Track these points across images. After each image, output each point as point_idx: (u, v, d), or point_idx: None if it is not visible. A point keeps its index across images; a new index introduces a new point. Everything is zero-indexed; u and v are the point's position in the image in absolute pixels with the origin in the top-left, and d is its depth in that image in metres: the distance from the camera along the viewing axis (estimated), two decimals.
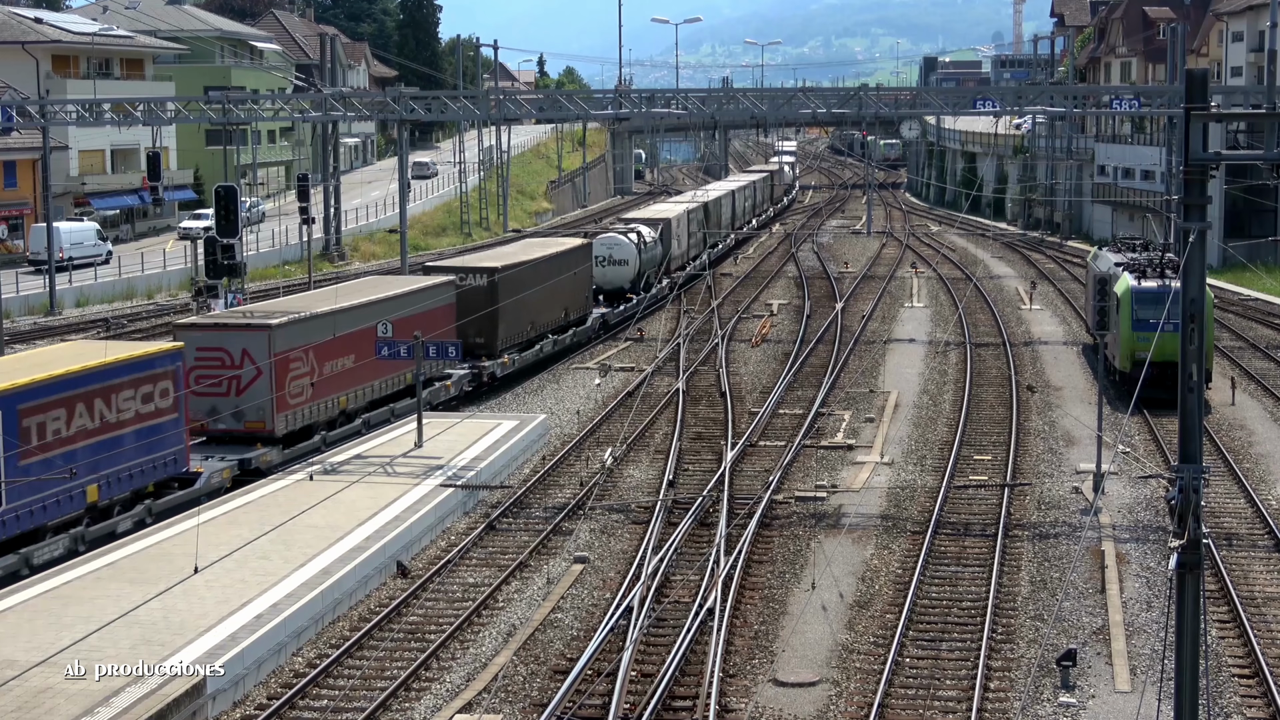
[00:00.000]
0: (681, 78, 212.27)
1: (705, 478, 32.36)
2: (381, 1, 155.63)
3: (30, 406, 25.13)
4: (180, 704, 19.12)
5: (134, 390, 27.85)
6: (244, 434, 31.97)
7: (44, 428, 25.49)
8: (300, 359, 32.97)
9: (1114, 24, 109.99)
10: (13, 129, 66.97)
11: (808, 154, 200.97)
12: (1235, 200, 70.30)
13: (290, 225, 72.45)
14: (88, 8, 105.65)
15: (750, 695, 20.86)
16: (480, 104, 59.32)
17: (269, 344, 31.90)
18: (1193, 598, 13.94)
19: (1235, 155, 17.81)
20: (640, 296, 55.24)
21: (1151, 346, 36.16)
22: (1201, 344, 13.86)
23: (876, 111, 58.59)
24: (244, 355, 31.71)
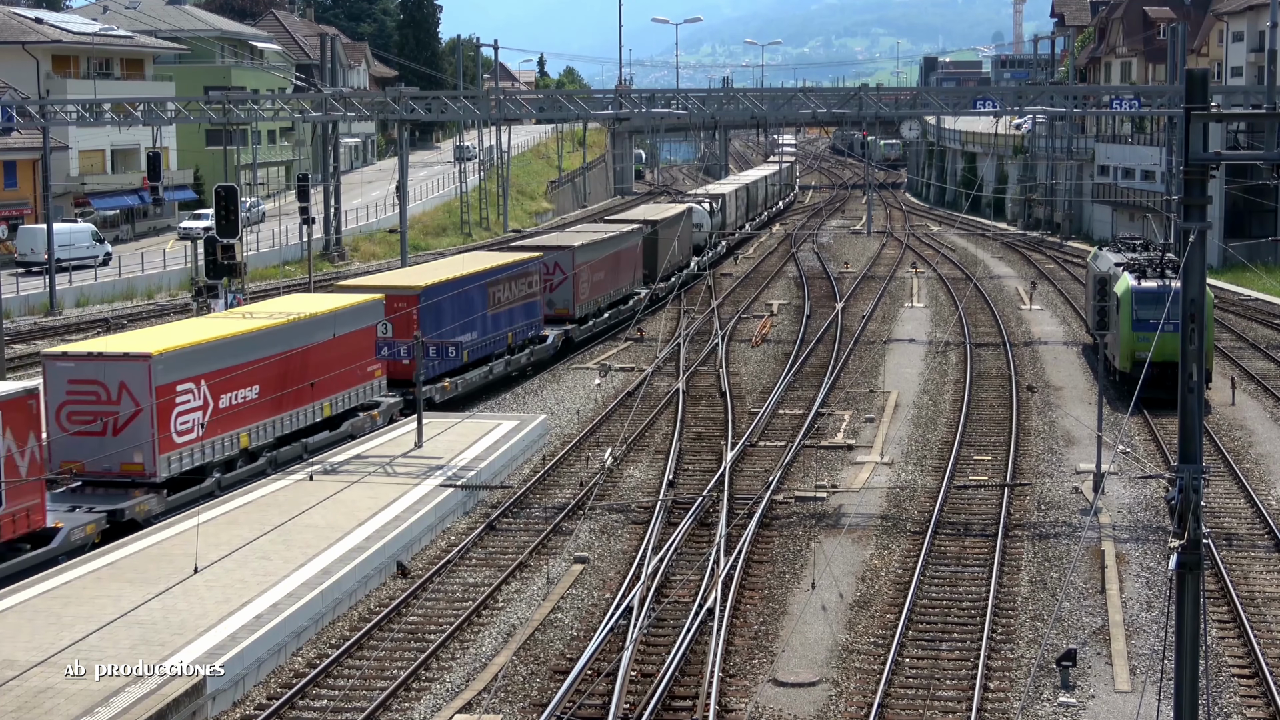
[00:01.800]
0: (681, 78, 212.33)
1: (705, 478, 32.36)
2: (381, 1, 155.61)
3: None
4: (180, 704, 19.13)
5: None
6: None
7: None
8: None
9: (1114, 24, 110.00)
10: (13, 129, 66.97)
11: (808, 154, 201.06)
12: (1235, 200, 70.31)
13: (290, 225, 72.45)
14: (88, 8, 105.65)
15: (750, 695, 20.86)
16: (480, 104, 59.34)
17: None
18: (1193, 598, 13.93)
19: (1235, 155, 17.81)
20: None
21: (1151, 346, 36.18)
22: (1201, 344, 13.86)
23: (876, 111, 58.59)
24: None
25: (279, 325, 31.76)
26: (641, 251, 58.07)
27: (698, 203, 74.79)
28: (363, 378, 35.36)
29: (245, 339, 30.75)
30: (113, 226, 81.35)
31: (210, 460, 29.62)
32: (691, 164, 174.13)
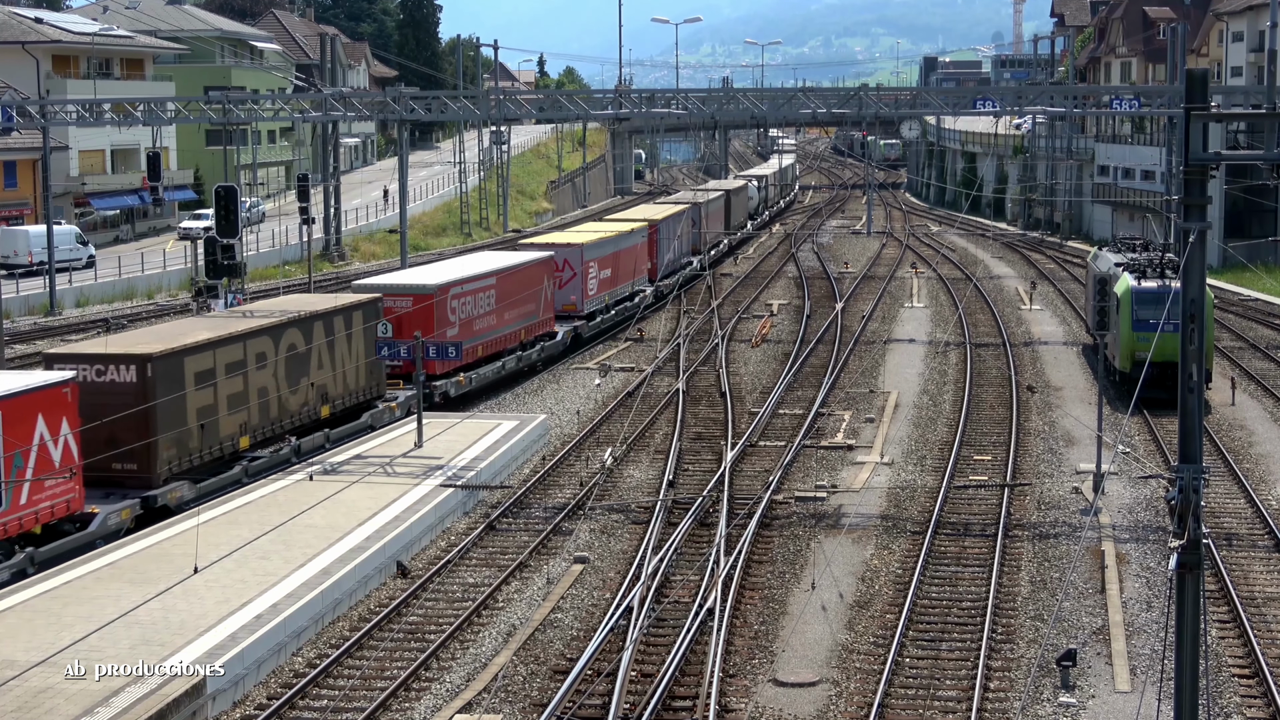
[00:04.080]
0: (681, 78, 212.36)
1: (705, 478, 32.36)
2: (381, 1, 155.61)
3: None
4: (180, 704, 19.13)
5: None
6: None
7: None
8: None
9: (1114, 24, 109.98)
10: (13, 129, 66.95)
11: (807, 154, 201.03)
12: (1235, 200, 70.32)
13: (290, 225, 72.44)
14: (88, 8, 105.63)
15: (750, 695, 20.86)
16: (480, 104, 59.32)
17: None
18: (1193, 598, 13.93)
19: (1235, 155, 17.80)
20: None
21: (1151, 346, 36.18)
22: (1201, 344, 13.85)
23: (876, 111, 58.57)
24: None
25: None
26: (725, 207, 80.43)
27: (749, 181, 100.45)
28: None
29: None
30: (113, 226, 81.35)
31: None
32: (691, 164, 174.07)
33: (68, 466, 25.89)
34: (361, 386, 35.88)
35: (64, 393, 25.96)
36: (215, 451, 30.20)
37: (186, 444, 29.13)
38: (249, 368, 31.06)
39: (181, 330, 31.98)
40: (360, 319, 35.70)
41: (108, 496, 27.46)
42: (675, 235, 63.63)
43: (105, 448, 26.91)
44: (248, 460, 30.94)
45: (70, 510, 26.19)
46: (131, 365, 28.15)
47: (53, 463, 25.46)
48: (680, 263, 65.84)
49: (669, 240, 62.09)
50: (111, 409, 26.99)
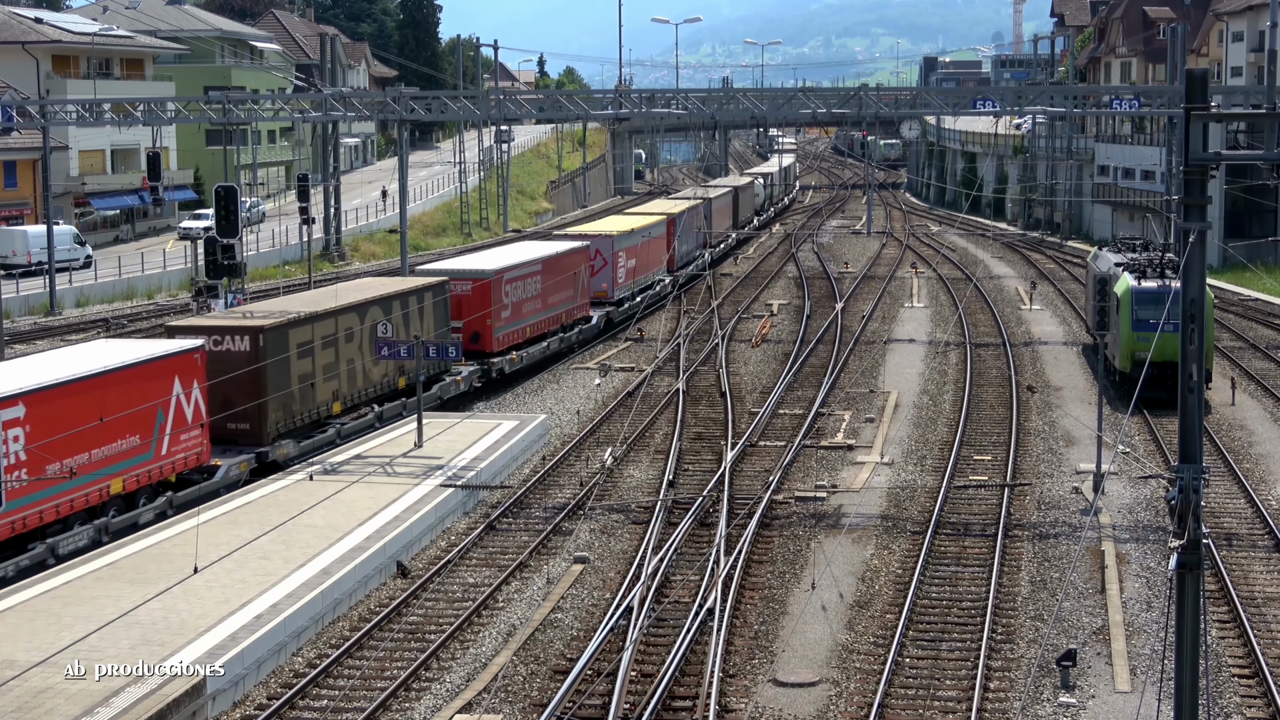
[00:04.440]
0: (681, 78, 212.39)
1: (705, 478, 32.36)
2: (381, 1, 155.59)
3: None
4: (180, 704, 19.13)
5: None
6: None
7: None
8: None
9: (1114, 24, 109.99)
10: (13, 129, 66.91)
11: (807, 154, 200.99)
12: (1235, 200, 70.31)
13: (290, 225, 72.45)
14: (88, 8, 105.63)
15: (750, 695, 20.86)
16: (480, 104, 59.33)
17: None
18: (1193, 598, 13.94)
19: (1235, 155, 17.80)
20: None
21: (1151, 346, 36.18)
22: (1201, 344, 13.85)
23: (876, 111, 58.55)
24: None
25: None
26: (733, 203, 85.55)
27: (755, 179, 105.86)
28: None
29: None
30: (113, 226, 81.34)
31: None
32: (691, 164, 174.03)
33: (198, 422, 29.51)
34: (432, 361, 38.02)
35: (195, 358, 29.55)
36: (313, 415, 33.71)
37: (290, 407, 32.63)
38: (340, 341, 34.64)
39: (283, 306, 35.77)
40: (430, 299, 39.25)
41: (225, 453, 30.86)
42: (690, 229, 68.35)
43: (221, 410, 30.36)
44: (340, 424, 34.37)
45: (199, 462, 29.73)
46: (246, 336, 31.67)
47: (186, 419, 29.10)
48: (693, 255, 69.90)
49: (684, 233, 66.40)
50: (228, 375, 30.54)
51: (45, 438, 25.18)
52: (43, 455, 25.12)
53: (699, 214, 71.66)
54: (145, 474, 28.06)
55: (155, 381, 28.18)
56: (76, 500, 26.30)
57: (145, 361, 28.35)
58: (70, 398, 26.05)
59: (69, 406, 25.92)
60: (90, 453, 26.44)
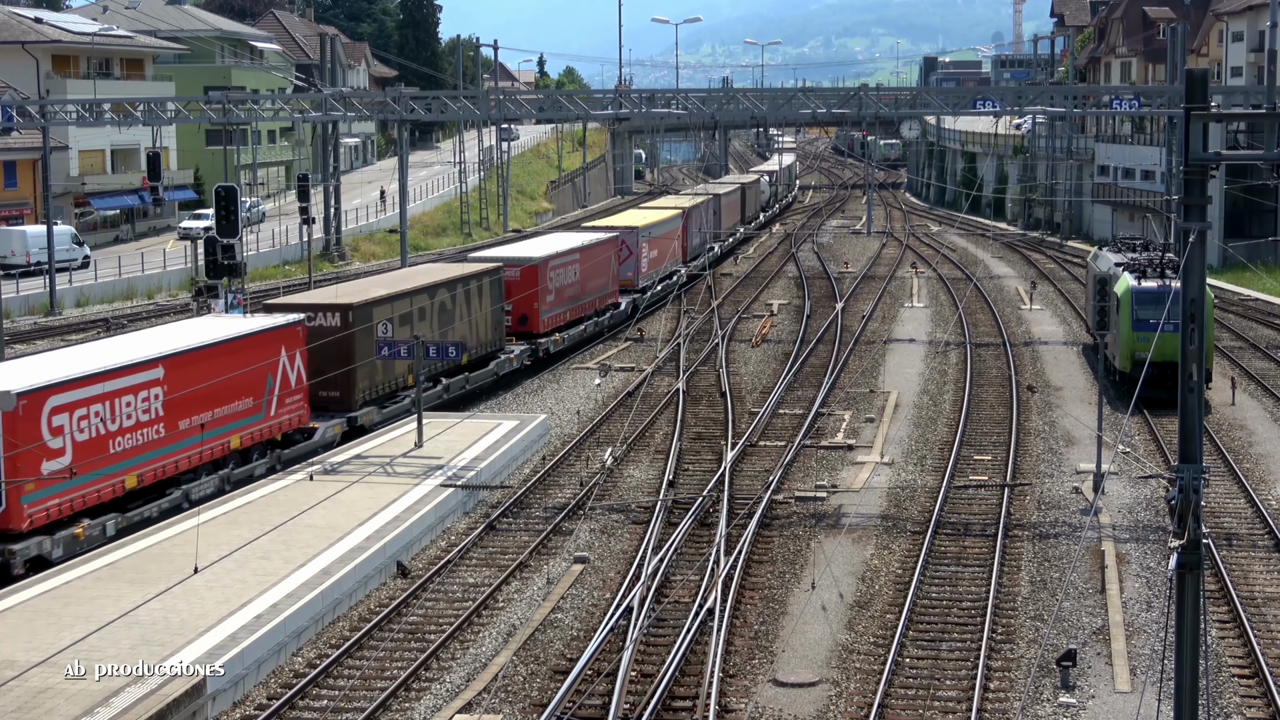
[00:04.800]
0: (681, 78, 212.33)
1: (705, 478, 32.36)
2: (381, 1, 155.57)
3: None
4: (180, 704, 19.12)
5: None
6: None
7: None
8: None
9: (1114, 24, 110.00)
10: (13, 129, 66.93)
11: (807, 154, 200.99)
12: (1235, 200, 70.30)
13: (290, 225, 72.44)
14: (88, 8, 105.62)
15: (750, 695, 20.86)
16: (480, 104, 59.33)
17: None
18: (1193, 598, 13.94)
19: (1235, 155, 17.80)
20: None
21: (1151, 346, 36.17)
22: (1201, 344, 13.85)
23: (876, 111, 58.58)
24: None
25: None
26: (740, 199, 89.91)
27: (760, 176, 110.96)
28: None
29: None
30: (113, 226, 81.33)
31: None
32: (691, 164, 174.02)
33: (300, 388, 32.89)
34: (489, 340, 42.69)
35: (298, 330, 33.05)
36: (390, 386, 37.05)
37: (373, 377, 36.09)
38: (414, 319, 37.86)
39: (364, 288, 39.91)
40: (487, 282, 42.56)
41: (318, 417, 34.02)
42: (702, 223, 72.58)
43: (314, 378, 33.57)
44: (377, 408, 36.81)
45: (300, 424, 33.16)
46: (336, 313, 34.98)
47: (290, 385, 32.54)
48: (704, 248, 73.27)
49: (697, 227, 70.51)
50: (321, 347, 33.59)
51: (180, 398, 28.66)
52: (178, 412, 28.67)
53: (709, 209, 75.50)
54: (258, 432, 31.59)
55: (266, 350, 31.60)
56: (204, 453, 29.68)
57: (258, 332, 31.87)
58: (198, 363, 29.44)
59: (198, 370, 29.21)
60: (214, 411, 29.77)
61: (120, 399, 27.14)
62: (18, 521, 24.75)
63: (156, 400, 27.98)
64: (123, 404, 27.21)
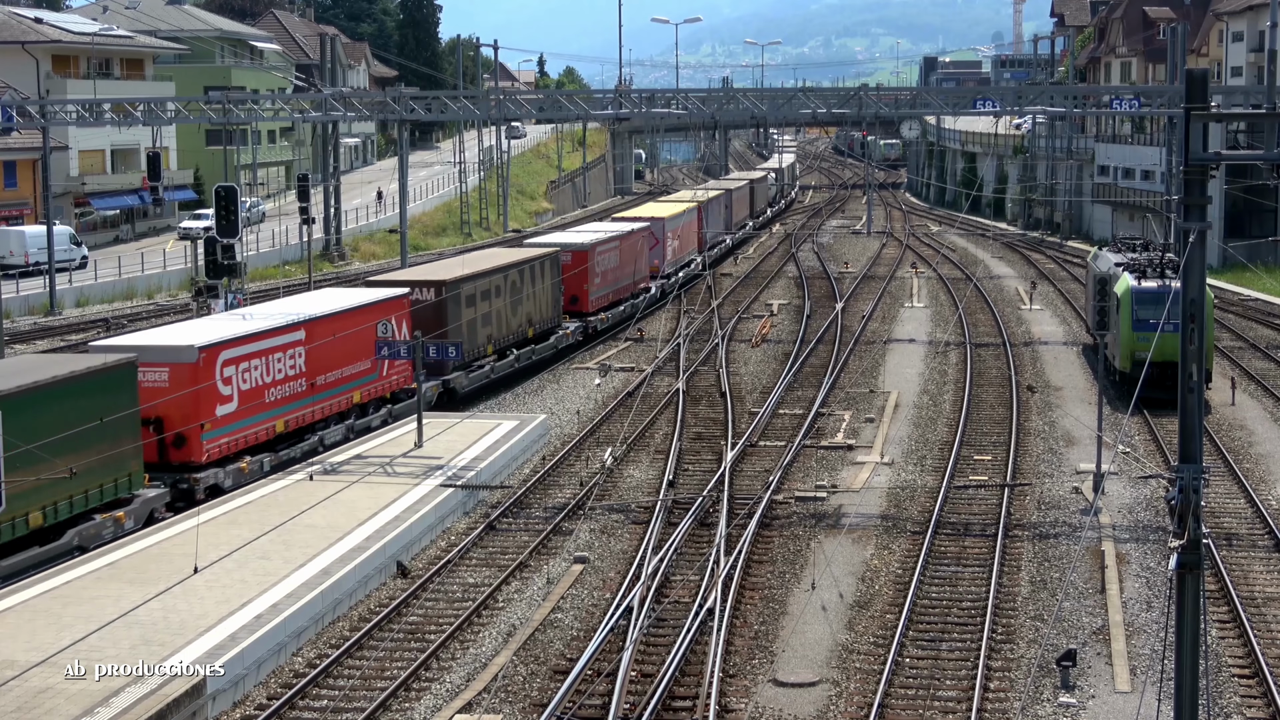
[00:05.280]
0: (681, 78, 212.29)
1: (705, 478, 32.36)
2: (381, 1, 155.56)
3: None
4: (180, 704, 19.12)
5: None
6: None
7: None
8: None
9: (1114, 24, 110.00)
10: (13, 129, 66.94)
11: (807, 154, 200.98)
12: (1235, 200, 70.30)
13: (290, 225, 72.43)
14: (88, 8, 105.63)
15: (750, 695, 20.86)
16: (480, 104, 59.35)
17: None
18: (1193, 598, 13.94)
19: (1235, 155, 17.82)
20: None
21: (1151, 346, 36.16)
22: (1201, 344, 13.85)
23: (876, 111, 58.60)
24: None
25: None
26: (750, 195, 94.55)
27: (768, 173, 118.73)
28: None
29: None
30: (113, 226, 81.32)
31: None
32: (691, 164, 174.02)
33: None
34: (549, 316, 47.51)
35: (404, 301, 37.81)
36: (475, 353, 41.20)
37: (485, 336, 41.59)
38: (491, 296, 42.44)
39: (450, 267, 44.44)
40: (548, 265, 47.41)
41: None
42: (716, 215, 77.96)
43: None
44: (492, 363, 42.28)
45: (405, 383, 37.20)
46: (431, 288, 39.54)
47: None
48: (718, 239, 78.47)
49: (711, 219, 75.89)
50: (419, 317, 37.73)
51: (317, 357, 33.31)
52: (315, 369, 33.38)
53: (722, 203, 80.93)
54: (373, 389, 36.22)
55: (379, 318, 35.90)
56: (332, 405, 34.43)
57: (375, 303, 36.44)
58: (331, 327, 34.03)
59: (329, 333, 33.83)
60: (341, 369, 34.50)
61: (273, 355, 32.00)
62: (198, 455, 29.42)
63: (299, 358, 32.93)
64: (274, 360, 32.04)
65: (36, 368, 27.62)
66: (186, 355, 29.47)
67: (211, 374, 29.69)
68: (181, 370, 29.18)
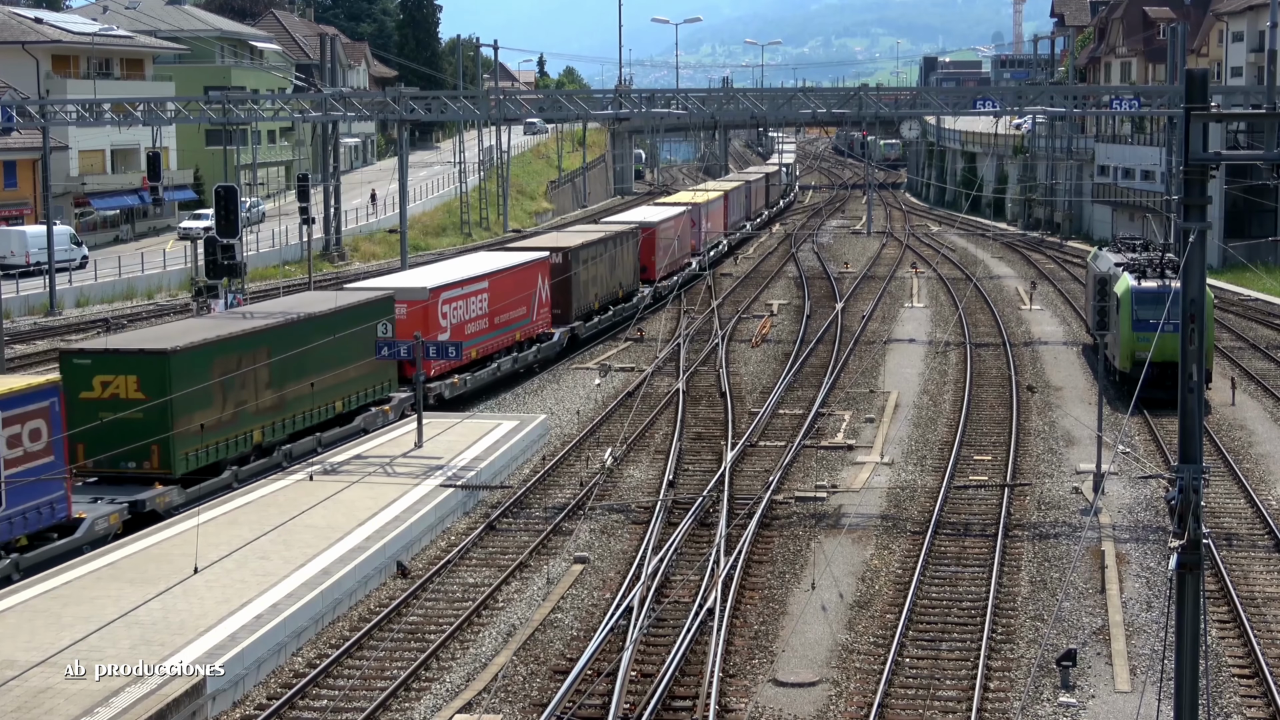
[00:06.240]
0: (681, 78, 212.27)
1: (705, 478, 32.36)
2: (381, 1, 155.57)
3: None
4: (180, 704, 19.13)
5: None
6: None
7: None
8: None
9: (1114, 24, 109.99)
10: (13, 129, 66.88)
11: (808, 154, 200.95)
12: (1235, 200, 70.29)
13: (290, 225, 72.43)
14: (88, 8, 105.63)
15: (750, 695, 20.86)
16: (480, 104, 59.32)
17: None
18: (1193, 598, 13.94)
19: (1235, 155, 17.81)
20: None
21: (1151, 346, 36.16)
22: (1201, 344, 13.85)
23: (876, 111, 58.55)
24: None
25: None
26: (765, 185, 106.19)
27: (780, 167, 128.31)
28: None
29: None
30: (113, 226, 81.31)
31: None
32: (691, 164, 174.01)
33: (546, 304, 46.90)
34: (630, 280, 56.64)
35: (549, 263, 47.04)
36: (587, 309, 50.76)
37: (580, 301, 49.91)
38: (597, 262, 51.91)
39: (569, 238, 53.21)
40: (630, 239, 56.94)
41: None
42: (737, 203, 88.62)
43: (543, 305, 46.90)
44: (600, 318, 51.97)
45: (546, 329, 46.96)
46: (561, 253, 48.70)
47: (544, 301, 46.81)
48: (740, 224, 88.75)
49: (734, 206, 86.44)
50: (554, 274, 47.53)
51: (496, 302, 42.66)
52: (494, 312, 42.67)
53: (743, 192, 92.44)
54: (527, 330, 45.41)
55: (533, 275, 45.78)
56: (501, 341, 43.49)
57: (530, 263, 46.02)
58: (504, 280, 43.53)
59: (503, 285, 43.32)
60: (509, 313, 43.70)
61: (469, 299, 41.18)
62: (428, 370, 36.74)
63: (484, 303, 41.95)
64: (470, 302, 41.17)
65: (333, 298, 36.24)
66: (420, 294, 38.50)
67: (435, 310, 38.81)
68: (417, 306, 38.15)
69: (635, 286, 56.93)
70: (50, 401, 25.55)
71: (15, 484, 24.49)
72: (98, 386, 27.98)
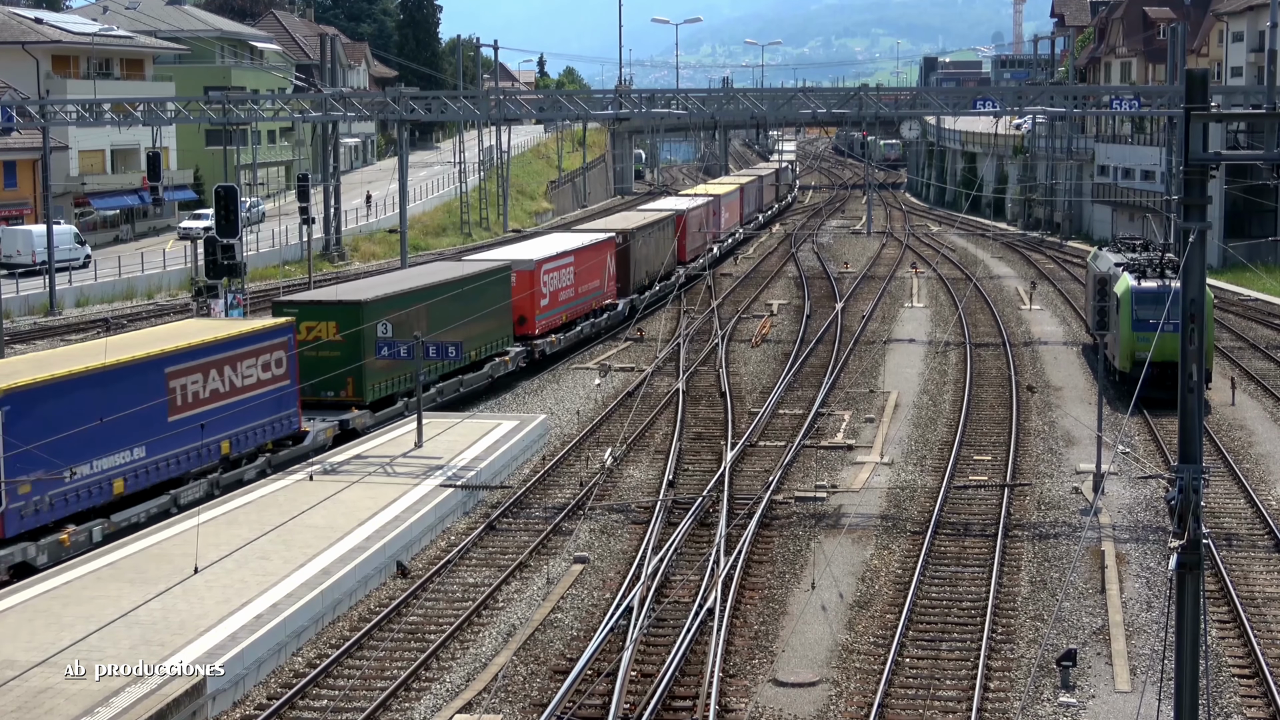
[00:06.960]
0: (681, 78, 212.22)
1: (705, 478, 32.36)
2: (381, 1, 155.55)
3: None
4: (180, 704, 19.13)
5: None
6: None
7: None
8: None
9: (1114, 24, 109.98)
10: (13, 129, 66.90)
11: (808, 154, 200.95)
12: (1235, 200, 70.29)
13: (290, 225, 72.43)
14: (88, 8, 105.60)
15: (750, 695, 20.86)
16: (480, 104, 59.32)
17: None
18: (1193, 598, 13.94)
19: (1235, 155, 17.82)
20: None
21: (1151, 346, 36.16)
22: (1201, 344, 13.85)
23: (876, 111, 58.56)
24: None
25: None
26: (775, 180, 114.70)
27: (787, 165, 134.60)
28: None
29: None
30: (113, 226, 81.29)
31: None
32: (691, 164, 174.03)
33: (612, 278, 53.78)
34: (670, 261, 62.33)
35: (614, 242, 53.91)
36: (640, 285, 57.28)
37: (635, 277, 56.51)
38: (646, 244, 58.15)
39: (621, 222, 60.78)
40: (669, 224, 63.51)
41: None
42: (751, 196, 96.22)
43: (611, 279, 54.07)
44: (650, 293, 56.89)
45: (611, 299, 53.76)
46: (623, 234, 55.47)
47: (611, 275, 53.55)
48: (752, 216, 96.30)
49: (747, 198, 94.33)
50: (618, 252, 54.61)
51: (579, 274, 48.85)
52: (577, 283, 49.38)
53: (755, 186, 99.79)
54: (599, 300, 52.20)
55: (602, 252, 52.41)
56: (581, 308, 50.09)
57: (601, 241, 52.64)
58: (584, 256, 50.13)
59: (583, 261, 49.86)
60: (589, 283, 50.50)
61: (562, 270, 47.64)
62: (532, 329, 45.34)
63: (571, 274, 48.50)
64: (562, 273, 47.63)
65: (462, 267, 43.42)
66: (529, 265, 45.06)
67: (539, 278, 45.27)
68: (524, 275, 44.59)
69: (673, 266, 63.14)
70: (287, 337, 32.75)
71: (265, 400, 31.43)
72: (303, 330, 34.40)
